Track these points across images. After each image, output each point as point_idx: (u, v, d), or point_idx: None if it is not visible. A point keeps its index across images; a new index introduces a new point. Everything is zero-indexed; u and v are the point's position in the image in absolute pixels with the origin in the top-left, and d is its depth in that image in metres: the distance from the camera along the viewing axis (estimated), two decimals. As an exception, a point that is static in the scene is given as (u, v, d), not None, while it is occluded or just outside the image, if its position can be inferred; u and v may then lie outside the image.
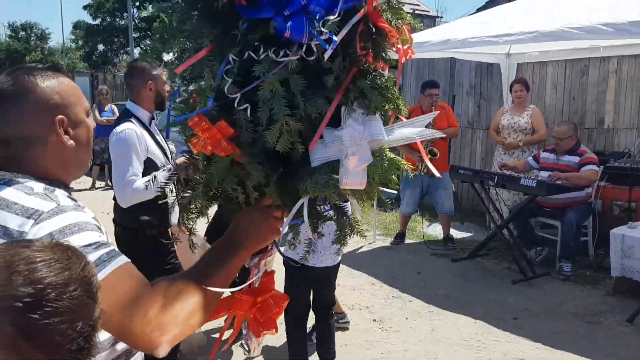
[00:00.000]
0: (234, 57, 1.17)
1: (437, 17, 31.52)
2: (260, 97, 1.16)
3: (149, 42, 43.14)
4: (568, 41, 5.27)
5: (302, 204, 1.30)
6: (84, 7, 40.18)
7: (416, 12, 26.38)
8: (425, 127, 1.35)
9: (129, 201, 2.78)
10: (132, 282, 1.14)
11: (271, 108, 1.16)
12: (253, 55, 1.16)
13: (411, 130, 1.31)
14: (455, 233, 6.71)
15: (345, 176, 1.21)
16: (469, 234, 6.89)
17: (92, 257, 1.08)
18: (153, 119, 3.03)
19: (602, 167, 5.55)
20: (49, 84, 1.23)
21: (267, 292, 1.55)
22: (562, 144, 5.54)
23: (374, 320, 4.30)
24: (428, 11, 31.71)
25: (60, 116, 1.23)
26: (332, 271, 3.39)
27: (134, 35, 23.62)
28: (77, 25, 44.28)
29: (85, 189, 9.88)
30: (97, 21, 41.57)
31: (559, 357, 3.62)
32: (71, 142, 1.25)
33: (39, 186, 1.18)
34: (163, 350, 1.12)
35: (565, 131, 5.53)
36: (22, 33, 60.42)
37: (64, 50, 48.24)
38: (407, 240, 6.53)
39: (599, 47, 6.24)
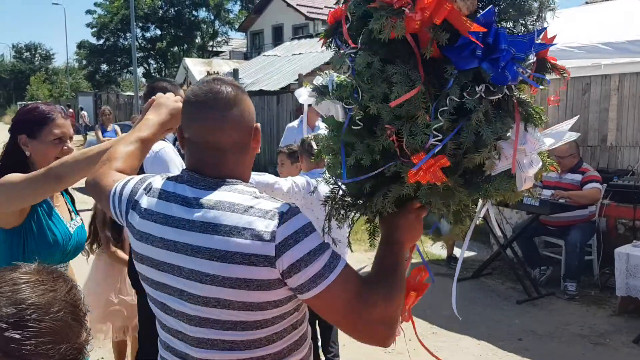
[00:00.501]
0: (454, 98, 1.29)
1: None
2: (468, 127, 1.31)
3: (152, 62, 43.65)
4: (569, 60, 5.27)
5: (482, 206, 1.57)
6: (87, 25, 40.60)
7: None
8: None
9: None
10: (355, 282, 1.24)
11: (478, 134, 1.31)
12: (467, 96, 1.30)
13: (555, 136, 1.53)
14: (459, 252, 6.66)
15: (523, 180, 1.41)
16: (472, 253, 6.84)
17: (322, 260, 1.20)
18: (177, 139, 2.98)
19: (606, 185, 5.53)
20: (245, 95, 1.36)
21: (424, 286, 1.67)
22: (564, 162, 5.52)
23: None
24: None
25: (257, 124, 1.36)
26: None
27: (138, 55, 23.91)
28: (81, 46, 44.74)
29: (87, 209, 9.86)
30: (101, 41, 41.97)
31: (565, 380, 3.56)
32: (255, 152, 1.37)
33: (253, 190, 1.28)
34: (391, 342, 1.26)
35: (566, 149, 5.51)
36: (26, 54, 61.12)
37: (67, 70, 48.61)
38: (412, 260, 6.48)
39: (600, 65, 6.26)
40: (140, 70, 41.18)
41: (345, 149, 1.47)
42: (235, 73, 15.75)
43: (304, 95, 1.62)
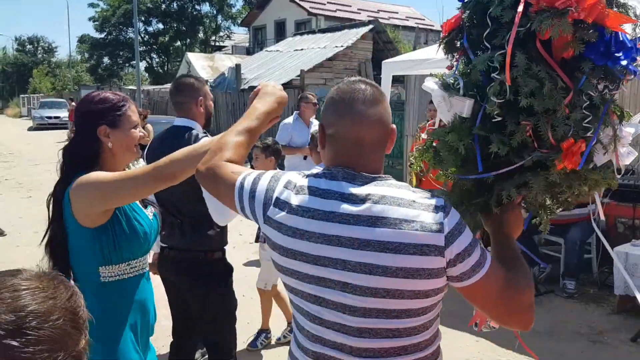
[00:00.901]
0: (590, 92, 1.44)
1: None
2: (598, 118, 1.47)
3: (154, 56, 43.63)
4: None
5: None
6: (90, 19, 40.50)
7: (421, 26, 26.50)
8: None
9: (229, 219, 2.74)
10: (503, 270, 1.34)
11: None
12: (591, 93, 1.45)
13: (635, 126, 1.60)
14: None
15: (621, 168, 1.55)
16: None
17: (478, 250, 1.30)
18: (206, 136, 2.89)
19: (606, 184, 5.53)
20: (385, 97, 1.43)
21: None
22: (565, 160, 5.54)
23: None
24: (433, 25, 31.89)
25: (393, 125, 1.41)
26: None
27: (140, 49, 23.86)
28: (82, 40, 44.68)
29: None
30: (103, 35, 41.88)
31: (562, 378, 3.59)
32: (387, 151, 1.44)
33: (405, 184, 1.36)
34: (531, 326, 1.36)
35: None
36: (29, 46, 61.07)
37: (70, 63, 48.59)
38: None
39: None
40: (142, 65, 41.22)
41: (466, 143, 1.56)
42: (237, 68, 15.76)
43: (431, 85, 1.67)
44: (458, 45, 1.64)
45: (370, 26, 16.24)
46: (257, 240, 4.32)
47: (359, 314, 1.30)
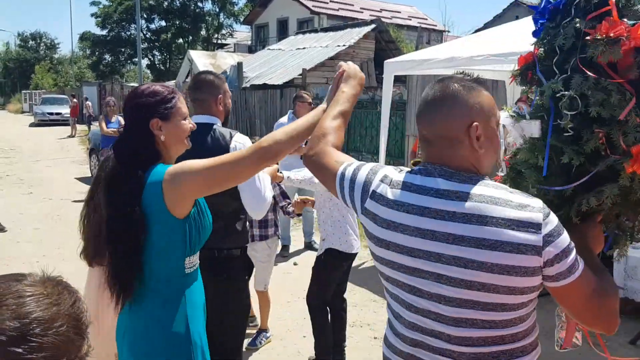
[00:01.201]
0: None
1: (445, 31, 31.68)
2: None
3: (156, 53, 43.63)
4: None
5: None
6: (92, 15, 40.47)
7: (423, 26, 26.48)
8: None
9: (264, 211, 2.75)
10: (593, 276, 1.37)
11: None
12: None
13: None
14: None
15: None
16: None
17: (573, 252, 1.34)
18: None
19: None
20: (472, 93, 1.41)
21: None
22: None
23: (375, 338, 4.29)
24: (435, 25, 31.87)
25: (475, 123, 1.39)
26: None
27: (142, 46, 23.84)
28: (83, 37, 44.64)
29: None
30: (105, 32, 41.81)
31: (560, 380, 3.58)
32: (482, 150, 1.41)
33: (502, 185, 1.42)
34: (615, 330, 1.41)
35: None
36: (31, 42, 61.05)
37: (72, 60, 48.58)
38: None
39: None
40: (144, 62, 41.20)
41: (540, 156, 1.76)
42: (239, 66, 15.76)
43: (503, 117, 1.83)
44: (530, 76, 1.89)
45: (373, 25, 16.23)
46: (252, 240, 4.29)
47: (455, 304, 1.36)
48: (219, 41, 42.58)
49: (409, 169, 1.48)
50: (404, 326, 1.48)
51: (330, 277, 3.64)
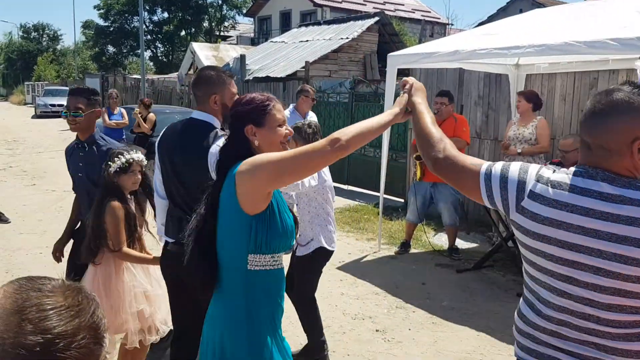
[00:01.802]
0: None
1: (448, 24, 31.56)
2: None
3: (159, 45, 43.54)
4: (576, 55, 5.26)
5: None
6: (94, 7, 40.35)
7: (427, 19, 26.38)
8: None
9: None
10: None
11: None
12: None
13: None
14: (461, 243, 6.70)
15: None
16: (474, 245, 6.88)
17: None
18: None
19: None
20: (637, 107, 1.49)
21: None
22: (568, 156, 5.53)
23: (377, 331, 4.31)
24: (439, 18, 31.76)
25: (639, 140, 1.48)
26: None
27: (144, 38, 23.74)
28: (86, 25, 44.55)
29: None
30: (108, 23, 41.70)
31: (561, 373, 3.60)
32: None
33: None
34: None
35: (571, 144, 5.52)
36: (34, 34, 60.97)
37: (76, 51, 48.50)
38: (412, 250, 6.54)
39: (608, 60, 6.23)
40: (146, 54, 41.11)
41: None
42: (242, 59, 15.73)
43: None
44: None
45: (376, 18, 16.17)
46: None
47: (609, 293, 1.50)
48: (222, 33, 42.49)
49: (567, 170, 1.58)
50: (553, 309, 1.61)
51: (319, 273, 3.78)
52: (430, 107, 1.98)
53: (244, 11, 39.18)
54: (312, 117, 6.23)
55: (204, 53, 22.62)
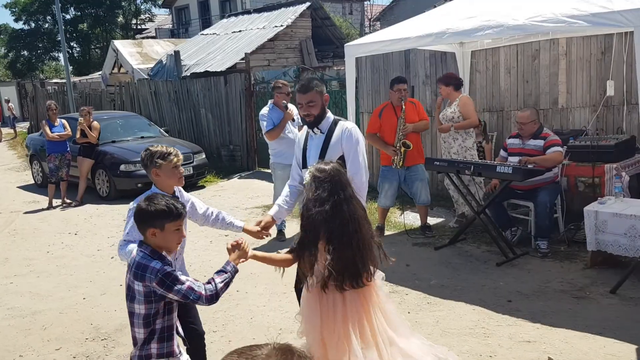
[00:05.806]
0: None
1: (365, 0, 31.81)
2: None
3: (74, 45, 41.42)
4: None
5: None
6: (5, 6, 37.82)
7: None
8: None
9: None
10: None
11: None
12: None
13: None
14: (432, 220, 6.93)
15: None
16: (440, 219, 7.14)
17: None
18: None
19: (565, 146, 5.88)
20: None
21: None
22: (525, 128, 5.83)
23: (378, 318, 4.43)
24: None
25: None
26: None
27: (60, 38, 22.41)
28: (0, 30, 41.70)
29: (42, 209, 9.51)
30: (20, 24, 39.19)
31: (561, 336, 3.85)
32: None
33: None
34: None
35: (527, 116, 5.82)
36: None
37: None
38: (386, 232, 6.70)
39: (548, 32, 6.56)
40: (61, 56, 39.03)
41: None
42: (176, 55, 15.30)
43: None
44: None
45: (308, 4, 16.09)
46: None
47: None
48: (139, 26, 40.99)
49: None
50: None
51: None
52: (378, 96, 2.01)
53: (160, 2, 37.91)
54: (292, 109, 6.44)
55: (127, 50, 21.76)
